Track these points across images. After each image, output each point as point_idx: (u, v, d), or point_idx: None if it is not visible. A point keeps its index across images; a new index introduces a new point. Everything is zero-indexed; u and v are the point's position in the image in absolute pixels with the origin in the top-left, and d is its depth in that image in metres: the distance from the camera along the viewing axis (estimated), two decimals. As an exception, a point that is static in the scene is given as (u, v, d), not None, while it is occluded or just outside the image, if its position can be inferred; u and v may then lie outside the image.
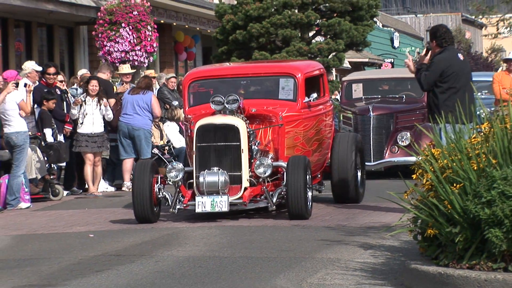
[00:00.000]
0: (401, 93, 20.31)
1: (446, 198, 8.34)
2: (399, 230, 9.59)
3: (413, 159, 17.40)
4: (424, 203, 8.69)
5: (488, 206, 7.86)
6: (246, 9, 29.32)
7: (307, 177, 12.85)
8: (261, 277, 9.23)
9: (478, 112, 18.85)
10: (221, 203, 12.50)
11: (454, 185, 8.39)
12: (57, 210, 15.94)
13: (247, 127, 13.11)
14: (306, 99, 13.98)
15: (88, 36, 26.37)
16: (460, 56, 13.52)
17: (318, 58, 29.84)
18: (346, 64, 35.11)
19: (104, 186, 18.45)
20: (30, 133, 16.57)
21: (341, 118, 20.61)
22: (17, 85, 15.68)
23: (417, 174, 9.30)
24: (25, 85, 16.48)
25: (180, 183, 13.05)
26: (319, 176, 15.17)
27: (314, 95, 14.06)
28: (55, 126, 17.22)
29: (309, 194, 13.00)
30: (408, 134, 18.58)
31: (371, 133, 18.81)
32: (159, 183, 13.13)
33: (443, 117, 11.44)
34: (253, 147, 13.20)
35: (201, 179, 12.68)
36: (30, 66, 17.94)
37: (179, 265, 10.09)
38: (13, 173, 15.96)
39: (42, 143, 17.00)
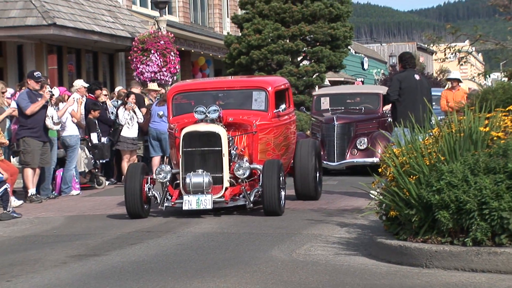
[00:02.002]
0: (361, 105, 19.87)
1: (405, 187, 8.35)
2: (368, 212, 9.58)
3: (369, 160, 17.55)
4: (388, 191, 8.70)
5: (437, 193, 7.86)
6: (248, 40, 29.34)
7: (280, 178, 11.89)
8: (260, 249, 9.24)
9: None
10: (206, 201, 11.58)
11: (411, 176, 8.40)
12: (100, 196, 15.92)
13: (226, 134, 12.19)
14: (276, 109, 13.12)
15: (125, 60, 26.32)
16: (417, 76, 13.62)
17: (304, 78, 30.00)
18: (326, 82, 35.06)
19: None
20: (80, 136, 16.61)
21: (311, 125, 20.24)
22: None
23: (382, 168, 9.31)
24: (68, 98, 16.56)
25: (167, 183, 12.08)
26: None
27: (283, 106, 13.34)
28: (99, 130, 17.21)
29: (282, 193, 11.99)
30: (366, 139, 18.09)
31: (335, 139, 18.22)
32: (149, 183, 12.17)
33: (402, 124, 11.93)
34: (232, 152, 12.26)
35: (187, 180, 11.73)
36: (79, 83, 17.91)
37: (196, 239, 10.10)
38: (66, 167, 15.99)
39: (89, 144, 17.01)
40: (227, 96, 13.67)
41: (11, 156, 15.62)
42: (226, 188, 11.91)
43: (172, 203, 11.91)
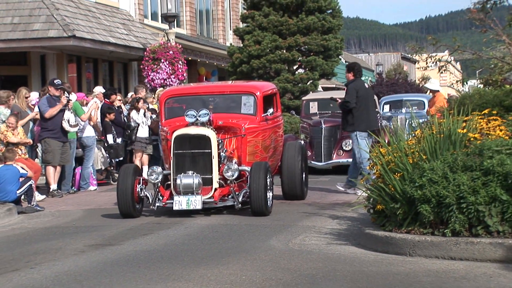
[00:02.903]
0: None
1: (390, 183, 8.35)
2: (357, 206, 9.59)
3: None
4: (375, 187, 8.70)
5: (420, 188, 7.86)
6: (249, 50, 29.30)
7: (267, 180, 11.16)
8: (260, 239, 9.23)
9: (410, 122, 18.77)
10: (195, 202, 10.93)
11: (396, 174, 8.40)
12: (115, 191, 15.88)
13: (216, 137, 11.54)
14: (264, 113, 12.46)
15: (137, 69, 26.31)
16: (366, 85, 14.24)
17: (300, 84, 29.97)
18: (319, 89, 35.00)
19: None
20: (97, 137, 16.61)
21: (300, 128, 19.91)
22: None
23: (370, 166, 9.31)
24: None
25: (159, 184, 11.43)
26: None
27: (271, 110, 12.59)
28: (114, 132, 17.19)
29: (270, 194, 11.29)
30: (350, 141, 17.26)
31: (322, 140, 17.90)
32: (141, 184, 11.51)
33: (359, 127, 13.19)
34: (221, 154, 11.59)
35: (178, 181, 11.08)
36: (98, 90, 17.96)
37: (201, 230, 10.09)
38: (85, 165, 15.98)
39: (105, 144, 17.00)
40: (218, 100, 12.88)
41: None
42: (216, 189, 11.28)
43: (163, 203, 11.30)
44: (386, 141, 9.85)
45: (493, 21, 9.82)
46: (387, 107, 25.52)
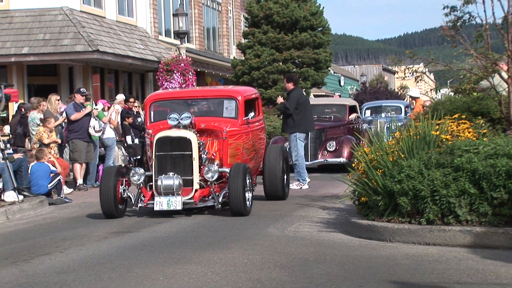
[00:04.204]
0: (330, 114, 19.22)
1: (373, 178, 8.34)
2: (344, 198, 9.57)
3: (337, 160, 17.31)
4: (360, 181, 8.69)
5: (399, 183, 7.85)
6: (250, 63, 29.32)
7: (247, 181, 10.25)
8: (260, 227, 9.22)
9: (389, 125, 18.69)
10: (176, 202, 9.96)
11: (378, 170, 8.39)
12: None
13: (197, 139, 10.55)
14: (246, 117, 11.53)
15: (153, 79, 26.28)
16: (304, 93, 14.51)
17: (294, 92, 29.99)
18: (311, 96, 34.99)
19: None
20: (117, 138, 16.61)
21: None
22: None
23: (355, 163, 9.29)
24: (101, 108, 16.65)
25: (141, 185, 10.40)
26: (254, 179, 12.03)
27: (252, 114, 11.58)
28: (132, 133, 17.18)
29: (249, 195, 10.35)
30: (334, 142, 17.48)
31: (309, 142, 17.21)
32: (123, 185, 10.50)
33: (298, 129, 13.59)
34: (202, 156, 10.59)
35: (159, 182, 10.11)
36: (120, 97, 17.99)
37: (209, 220, 10.07)
38: (106, 162, 15.97)
39: (125, 144, 16.99)
40: (201, 104, 11.92)
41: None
42: (196, 190, 10.30)
43: (145, 204, 10.31)
44: (363, 142, 9.85)
45: (462, 37, 9.81)
46: (368, 112, 25.41)
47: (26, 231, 9.40)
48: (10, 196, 11.97)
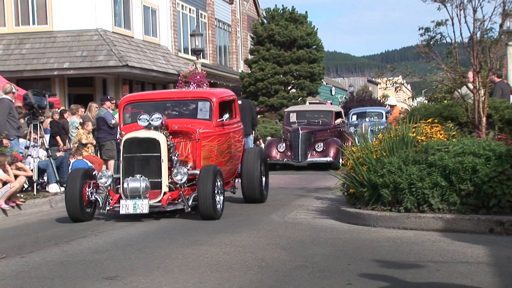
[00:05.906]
0: (319, 119, 18.82)
1: (359, 173, 8.32)
2: (335, 190, 9.55)
3: (324, 159, 17.16)
4: (348, 175, 8.67)
5: (381, 177, 7.84)
6: (255, 75, 29.42)
7: (217, 183, 8.69)
8: (264, 214, 9.20)
9: (373, 128, 18.62)
10: (142, 206, 8.48)
11: (364, 166, 8.37)
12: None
13: (167, 141, 8.94)
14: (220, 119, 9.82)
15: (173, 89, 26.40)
16: (240, 101, 14.45)
17: (293, 100, 30.03)
18: (307, 103, 34.98)
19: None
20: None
21: (282, 133, 18.91)
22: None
23: (345, 160, 9.27)
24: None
25: (109, 188, 8.88)
26: (231, 181, 10.58)
27: (226, 115, 9.77)
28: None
29: (220, 198, 8.81)
30: (322, 144, 17.17)
31: (300, 143, 17.18)
32: (91, 187, 8.95)
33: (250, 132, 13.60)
34: (173, 158, 9.01)
35: (125, 185, 8.58)
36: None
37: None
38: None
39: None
40: (175, 106, 10.26)
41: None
42: (165, 193, 8.75)
43: (111, 207, 8.75)
44: (351, 143, 9.82)
45: (435, 54, 9.79)
46: (355, 117, 25.38)
47: (67, 218, 9.39)
48: (54, 188, 12.02)
